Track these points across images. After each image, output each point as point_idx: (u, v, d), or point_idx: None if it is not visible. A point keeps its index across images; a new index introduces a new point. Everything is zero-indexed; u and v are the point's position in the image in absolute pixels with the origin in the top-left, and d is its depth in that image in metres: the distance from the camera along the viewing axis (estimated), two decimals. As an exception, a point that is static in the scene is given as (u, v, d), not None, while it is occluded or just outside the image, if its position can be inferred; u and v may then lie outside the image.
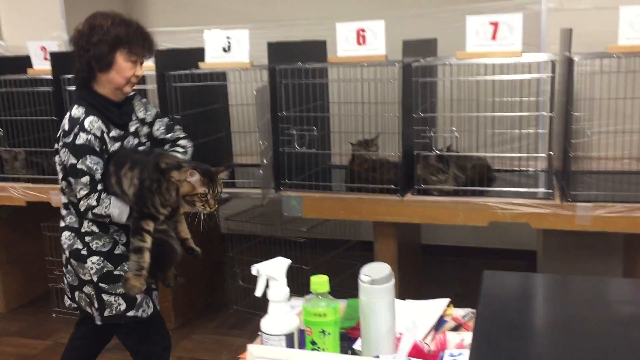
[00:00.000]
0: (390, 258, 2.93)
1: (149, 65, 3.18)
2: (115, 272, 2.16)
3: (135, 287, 2.04)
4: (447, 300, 1.67)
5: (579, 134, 2.72)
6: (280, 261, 1.35)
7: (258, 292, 1.34)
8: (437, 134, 3.07)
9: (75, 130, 2.08)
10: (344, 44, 2.97)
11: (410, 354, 1.31)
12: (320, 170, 3.26)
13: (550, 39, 3.11)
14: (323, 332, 1.28)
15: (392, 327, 1.33)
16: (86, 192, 2.07)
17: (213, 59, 3.10)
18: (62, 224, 2.23)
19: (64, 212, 2.23)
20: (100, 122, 2.12)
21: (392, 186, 2.86)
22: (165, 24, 4.24)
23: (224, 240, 3.90)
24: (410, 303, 1.70)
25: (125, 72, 2.13)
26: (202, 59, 3.10)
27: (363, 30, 2.94)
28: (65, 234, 2.21)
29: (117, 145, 2.17)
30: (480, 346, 1.18)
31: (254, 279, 1.37)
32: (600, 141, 3.02)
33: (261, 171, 2.85)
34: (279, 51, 2.98)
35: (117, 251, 2.18)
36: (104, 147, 2.12)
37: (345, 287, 2.09)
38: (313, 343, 1.29)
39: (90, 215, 2.11)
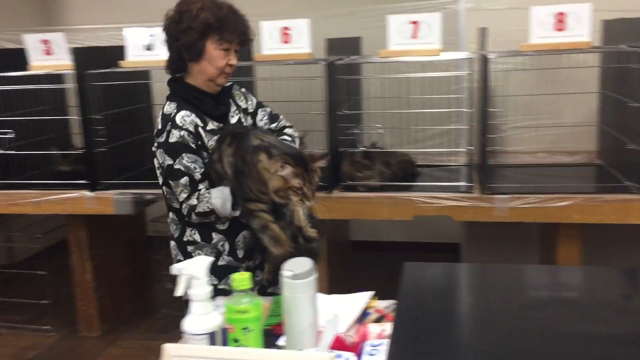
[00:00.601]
0: (322, 255, 2.95)
1: (65, 65, 3.10)
2: (220, 286, 1.93)
3: (279, 255, 1.78)
4: (370, 293, 1.70)
5: (496, 130, 2.83)
6: (201, 260, 1.34)
7: (179, 292, 1.32)
8: (363, 131, 3.13)
9: (168, 127, 1.89)
10: (269, 42, 2.98)
11: (333, 347, 1.33)
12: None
13: (469, 37, 3.22)
14: (245, 329, 1.28)
15: (314, 321, 1.34)
16: (187, 194, 1.87)
17: (135, 57, 3.03)
18: (169, 231, 2.07)
19: (168, 219, 2.06)
20: (193, 116, 1.91)
21: (320, 183, 2.87)
22: (84, 21, 4.11)
23: (150, 243, 3.82)
24: (335, 297, 1.73)
25: (217, 61, 1.90)
26: (123, 57, 3.03)
27: (288, 29, 2.95)
28: (171, 244, 2.05)
29: (215, 139, 1.95)
30: (399, 335, 1.21)
31: (181, 281, 1.35)
32: (516, 136, 3.16)
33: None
34: (202, 49, 2.94)
35: (221, 262, 1.97)
36: (200, 142, 1.91)
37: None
38: (235, 340, 1.29)
39: (194, 217, 1.90)
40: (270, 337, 1.50)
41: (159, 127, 1.92)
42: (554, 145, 3.16)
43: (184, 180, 1.87)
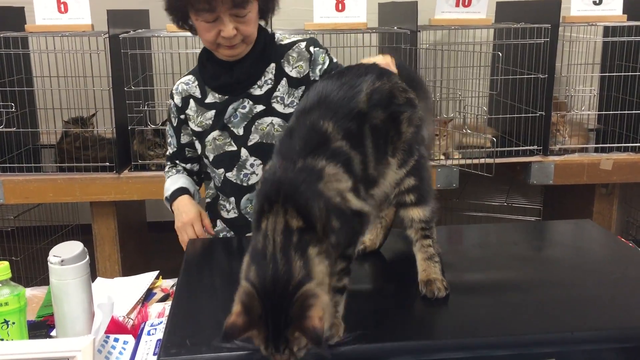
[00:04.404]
0: (111, 238, 2.82)
1: None
2: None
3: None
4: (155, 273, 1.67)
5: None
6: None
7: None
8: (154, 108, 3.02)
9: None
10: (44, 11, 2.74)
11: (111, 331, 1.28)
12: (29, 150, 2.99)
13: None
14: (6, 322, 1.17)
15: (88, 307, 1.27)
16: (166, 157, 1.86)
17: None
18: None
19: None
20: (193, 84, 1.71)
21: (107, 163, 2.74)
22: None
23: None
24: (118, 280, 1.66)
25: (203, 35, 1.56)
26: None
27: (64, -3, 2.74)
28: None
29: (212, 114, 1.68)
30: (177, 311, 1.20)
31: None
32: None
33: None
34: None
35: None
36: (184, 117, 1.72)
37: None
38: (-4, 336, 1.18)
39: None
40: (44, 328, 1.41)
41: None
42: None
43: (169, 141, 1.82)
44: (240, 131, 1.68)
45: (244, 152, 1.68)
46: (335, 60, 1.74)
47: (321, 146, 1.04)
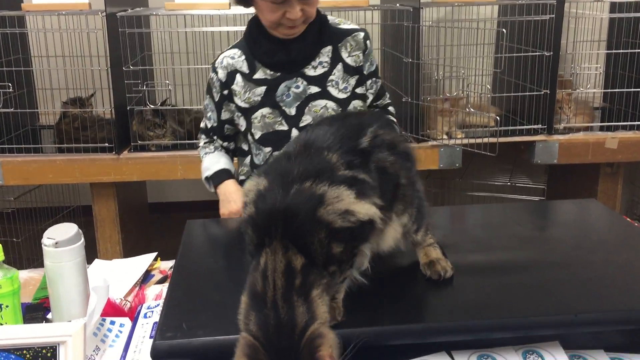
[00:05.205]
0: (111, 220, 2.81)
1: None
2: None
3: None
4: (153, 255, 1.65)
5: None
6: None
7: None
8: (153, 88, 2.99)
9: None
10: (40, -11, 2.69)
11: (107, 313, 1.26)
12: (28, 131, 2.97)
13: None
14: (-1, 305, 1.15)
15: (84, 289, 1.26)
16: (202, 130, 1.81)
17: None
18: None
19: None
20: (240, 58, 1.66)
21: (106, 144, 2.71)
22: None
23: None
24: (116, 262, 1.65)
25: (266, 14, 1.56)
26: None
27: (60, -25, 2.69)
28: None
29: (262, 90, 1.65)
30: (173, 293, 1.19)
31: None
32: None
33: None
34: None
35: None
36: (227, 92, 1.68)
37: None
38: (-10, 319, 1.16)
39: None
40: (40, 310, 1.39)
41: None
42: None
43: (208, 115, 1.77)
44: (293, 111, 1.66)
45: (295, 133, 1.66)
46: (376, 64, 1.77)
47: (324, 173, 1.01)
